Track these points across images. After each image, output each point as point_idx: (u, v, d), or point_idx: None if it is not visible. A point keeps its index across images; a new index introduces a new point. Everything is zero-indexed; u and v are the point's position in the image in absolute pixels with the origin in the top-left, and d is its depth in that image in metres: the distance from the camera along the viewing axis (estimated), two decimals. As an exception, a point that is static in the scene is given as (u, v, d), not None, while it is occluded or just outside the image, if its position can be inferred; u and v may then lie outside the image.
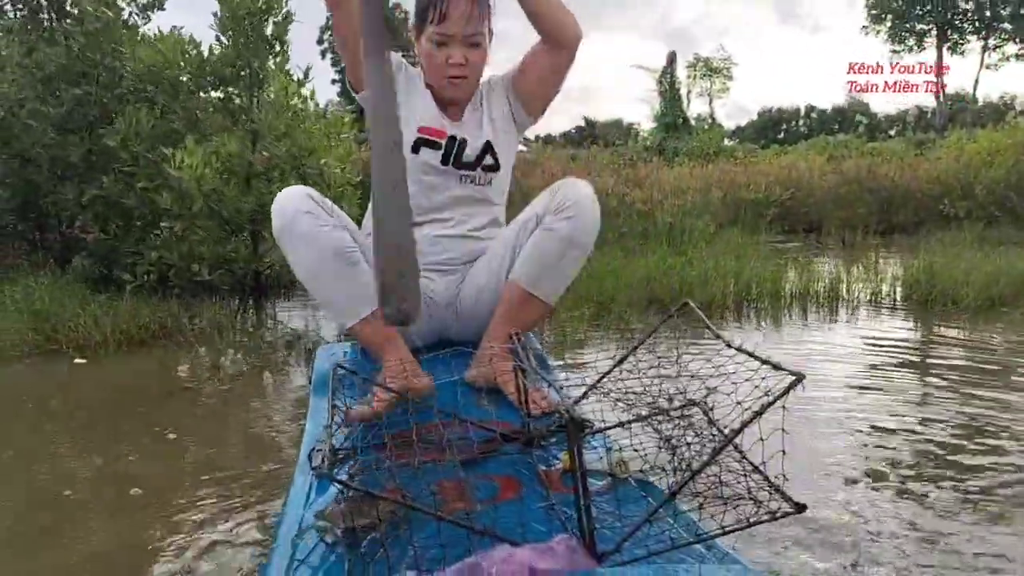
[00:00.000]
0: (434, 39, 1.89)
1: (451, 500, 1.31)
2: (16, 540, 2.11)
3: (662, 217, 7.56)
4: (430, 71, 1.95)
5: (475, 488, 1.37)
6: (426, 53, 1.93)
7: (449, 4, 1.84)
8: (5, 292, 4.71)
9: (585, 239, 1.84)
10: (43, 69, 5.34)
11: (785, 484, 1.13)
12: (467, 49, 1.90)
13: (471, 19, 1.86)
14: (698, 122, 33.19)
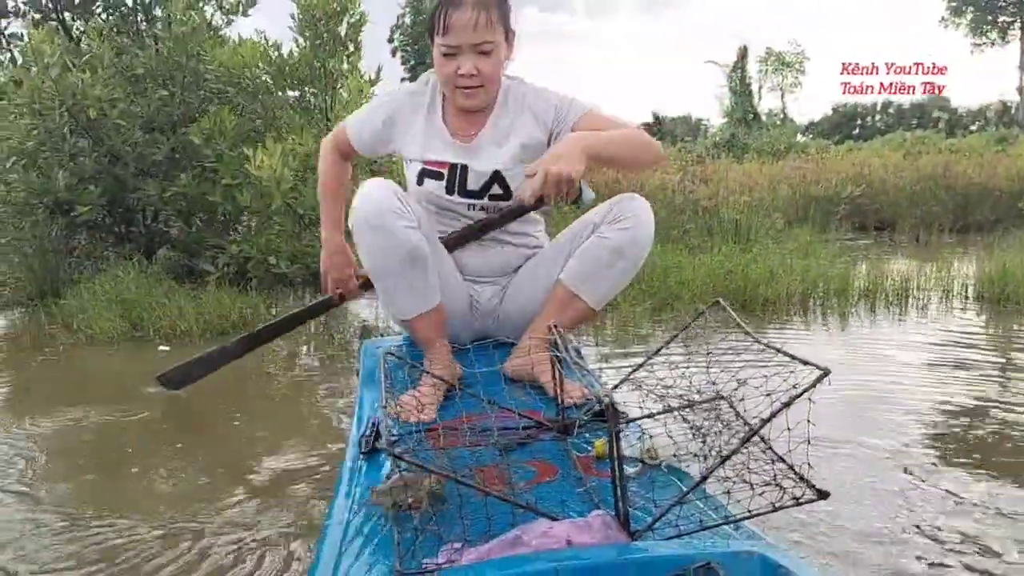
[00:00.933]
0: (442, 50, 1.83)
1: (491, 483, 1.38)
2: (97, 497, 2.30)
3: (728, 214, 7.53)
4: (442, 82, 1.90)
5: (514, 472, 1.44)
6: (437, 63, 1.87)
7: (452, 14, 1.77)
8: (96, 282, 4.99)
9: (636, 251, 1.85)
10: (132, 71, 5.63)
11: (810, 472, 1.18)
12: (477, 58, 1.82)
13: (478, 27, 1.78)
14: (769, 117, 32.68)
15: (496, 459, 1.48)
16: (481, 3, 1.78)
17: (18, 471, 2.60)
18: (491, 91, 1.90)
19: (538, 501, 1.24)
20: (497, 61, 1.85)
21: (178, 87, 5.64)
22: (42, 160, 5.40)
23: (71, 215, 5.42)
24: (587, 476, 1.42)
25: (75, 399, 3.35)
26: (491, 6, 1.80)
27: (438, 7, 1.80)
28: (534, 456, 1.51)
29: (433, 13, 1.82)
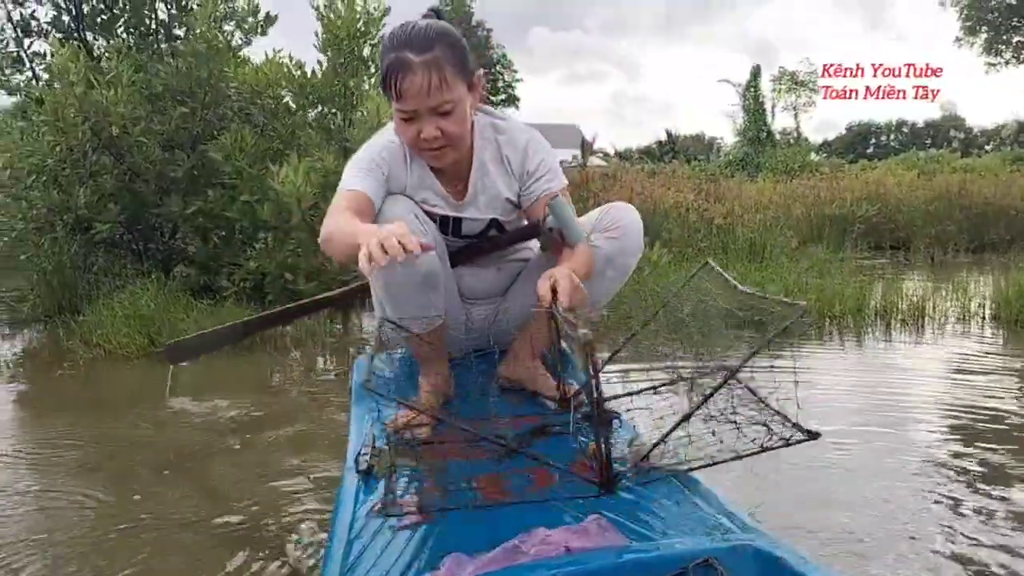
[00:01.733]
0: (400, 115, 1.72)
1: (490, 492, 1.40)
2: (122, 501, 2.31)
3: (743, 232, 7.53)
4: (407, 144, 1.80)
5: (511, 479, 1.46)
6: (397, 123, 1.76)
7: (404, 78, 1.64)
8: (114, 299, 5.04)
9: (625, 261, 1.85)
10: (151, 88, 5.70)
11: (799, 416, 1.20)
12: (438, 119, 1.71)
13: (433, 90, 1.65)
14: (783, 136, 32.70)
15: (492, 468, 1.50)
16: (432, 63, 1.64)
17: (36, 484, 2.62)
18: (461, 147, 1.80)
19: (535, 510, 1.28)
20: (461, 117, 1.73)
21: (198, 104, 5.71)
22: (63, 177, 5.46)
23: (90, 232, 5.47)
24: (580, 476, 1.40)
25: (93, 414, 3.39)
26: (444, 63, 1.66)
27: (389, 71, 1.66)
28: (530, 464, 1.51)
29: (385, 77, 1.68)
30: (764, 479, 2.59)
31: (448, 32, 1.70)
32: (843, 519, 2.28)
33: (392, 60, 1.66)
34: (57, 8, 6.19)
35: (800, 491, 2.52)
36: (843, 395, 3.65)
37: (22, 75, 6.12)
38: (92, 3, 6.22)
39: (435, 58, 1.64)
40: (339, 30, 5.52)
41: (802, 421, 1.19)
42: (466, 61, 1.72)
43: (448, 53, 1.67)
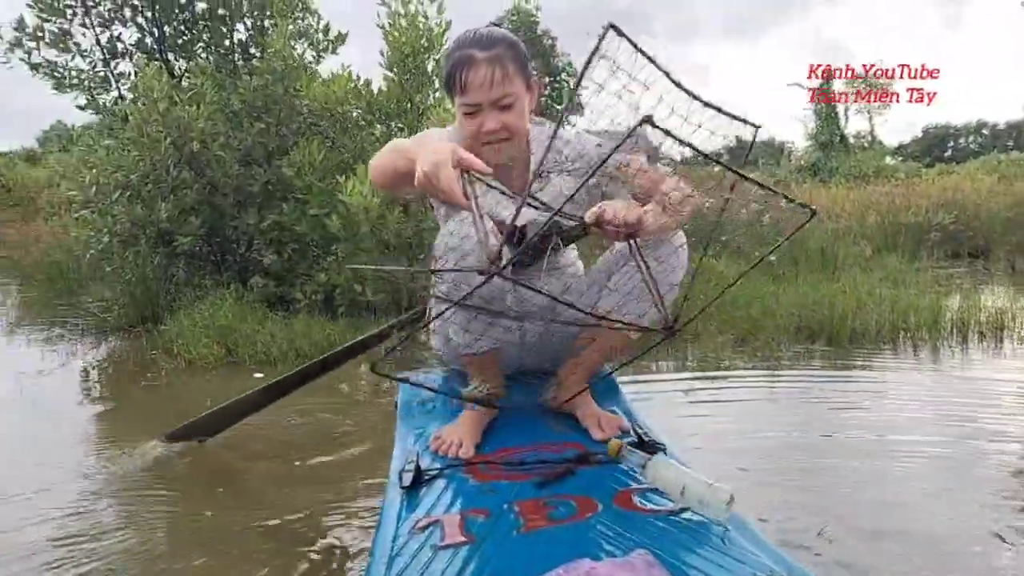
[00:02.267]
0: (463, 109, 1.83)
1: (531, 517, 1.41)
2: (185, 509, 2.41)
3: (814, 242, 7.40)
4: (470, 140, 1.86)
5: (553, 507, 1.46)
6: (460, 120, 1.87)
7: (469, 72, 1.78)
8: (194, 310, 5.23)
9: (672, 278, 1.83)
10: (229, 105, 5.91)
11: None
12: (499, 113, 1.82)
13: (495, 83, 1.78)
14: (856, 140, 31.91)
15: (535, 493, 1.51)
16: (495, 59, 1.78)
17: (122, 493, 2.75)
18: (519, 143, 1.89)
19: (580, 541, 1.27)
20: (520, 112, 1.84)
21: (273, 120, 5.88)
22: (146, 192, 5.68)
23: (172, 245, 5.69)
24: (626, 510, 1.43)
25: (176, 423, 3.52)
26: (506, 60, 1.79)
27: (455, 67, 1.80)
28: (573, 491, 1.52)
29: (450, 73, 1.82)
30: (829, 492, 2.57)
31: (509, 35, 1.85)
32: (905, 540, 2.25)
33: (458, 57, 1.81)
34: (141, 30, 6.46)
35: (865, 510, 2.48)
36: (915, 409, 3.58)
37: (108, 95, 6.39)
38: (174, 25, 6.47)
39: (497, 55, 1.79)
40: (403, 47, 5.64)
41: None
42: (525, 62, 1.85)
43: (510, 52, 1.81)
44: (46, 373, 4.66)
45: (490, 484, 1.52)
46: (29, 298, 8.16)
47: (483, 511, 1.43)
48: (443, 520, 1.41)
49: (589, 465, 1.63)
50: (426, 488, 1.56)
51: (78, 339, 5.68)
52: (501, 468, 1.60)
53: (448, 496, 1.53)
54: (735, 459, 2.95)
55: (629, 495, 1.49)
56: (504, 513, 1.41)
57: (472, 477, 1.60)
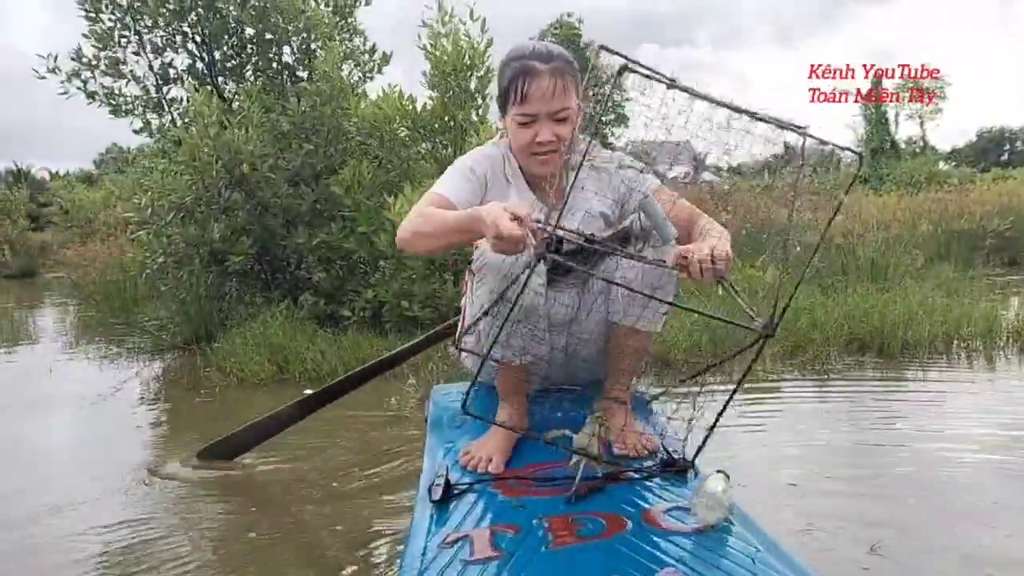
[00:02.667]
0: (519, 119, 1.83)
1: (560, 534, 1.40)
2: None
3: (864, 251, 7.28)
4: (517, 149, 1.90)
5: (582, 524, 1.44)
6: (513, 132, 1.88)
7: (530, 82, 1.79)
8: (246, 327, 5.34)
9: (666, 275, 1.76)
10: (278, 128, 6.04)
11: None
12: (554, 125, 1.82)
13: (556, 95, 1.79)
14: (908, 146, 31.35)
15: (565, 509, 1.50)
16: (558, 70, 1.80)
17: (176, 507, 2.83)
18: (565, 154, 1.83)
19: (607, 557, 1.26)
20: (572, 125, 1.82)
21: (321, 141, 6.00)
22: (199, 213, 5.83)
23: (224, 264, 5.82)
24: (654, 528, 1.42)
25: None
26: (567, 73, 1.81)
27: (515, 77, 1.80)
28: (602, 508, 1.51)
29: (509, 83, 1.82)
30: (882, 506, 2.53)
31: (564, 51, 1.86)
32: (962, 557, 2.20)
33: (518, 67, 1.80)
34: (192, 56, 6.64)
35: (919, 524, 2.44)
36: (970, 420, 3.51)
37: (162, 119, 6.57)
38: (223, 50, 6.64)
39: (558, 67, 1.80)
40: (446, 66, 5.71)
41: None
42: (578, 77, 1.84)
43: (568, 67, 1.82)
44: (104, 390, 4.80)
45: (519, 499, 1.52)
46: (87, 317, 8.41)
47: (512, 526, 1.43)
48: (472, 535, 1.40)
49: (618, 482, 1.62)
50: (455, 503, 1.55)
51: (135, 357, 5.85)
52: (531, 484, 1.60)
53: (478, 511, 1.52)
54: (786, 472, 2.93)
55: (656, 513, 1.49)
56: (533, 529, 1.41)
57: (501, 492, 1.59)
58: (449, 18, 5.75)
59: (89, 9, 6.23)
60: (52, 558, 2.42)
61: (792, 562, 1.30)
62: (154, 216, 5.88)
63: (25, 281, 14.55)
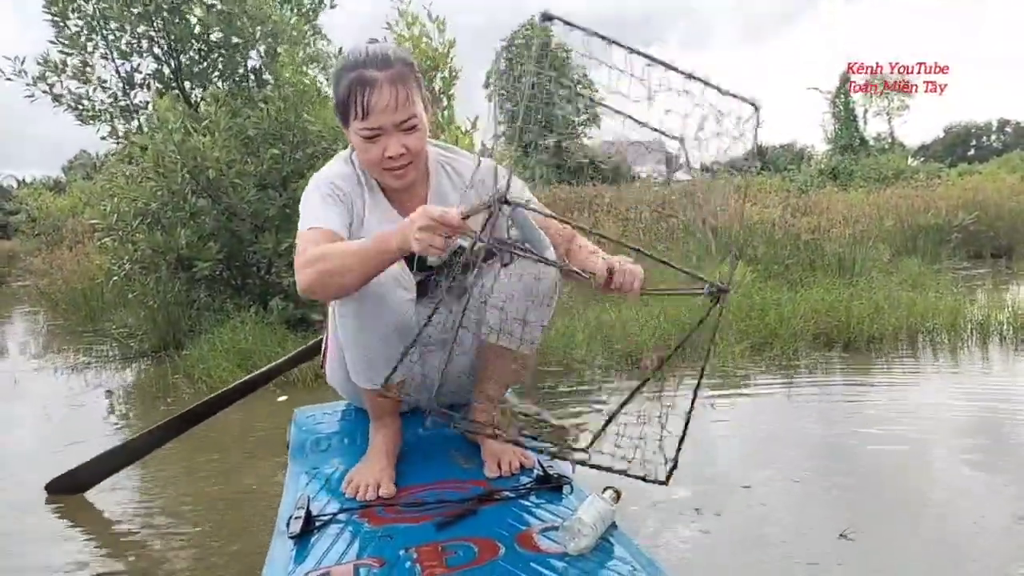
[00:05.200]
0: (363, 134, 1.68)
1: (429, 564, 1.32)
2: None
3: (831, 247, 7.37)
4: (367, 165, 1.75)
5: (454, 551, 1.37)
6: (359, 148, 1.72)
7: (370, 95, 1.63)
8: (215, 333, 5.30)
9: (543, 287, 1.71)
10: (244, 132, 6.00)
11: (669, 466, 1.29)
12: (403, 136, 1.68)
13: (400, 105, 1.64)
14: (876, 142, 31.72)
15: (434, 536, 1.42)
16: (397, 78, 1.65)
17: (141, 520, 2.80)
18: (421, 168, 1.78)
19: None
20: (423, 133, 1.72)
21: (287, 146, 5.97)
22: (165, 219, 5.79)
23: (192, 270, 5.78)
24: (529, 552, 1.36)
25: (193, 449, 3.57)
26: (408, 79, 1.67)
27: (351, 90, 1.65)
28: (475, 533, 1.44)
29: (348, 96, 1.66)
30: (850, 497, 2.57)
31: (403, 52, 1.71)
32: (928, 541, 2.25)
33: (354, 78, 1.64)
34: (158, 61, 6.59)
35: (887, 512, 2.48)
36: (934, 412, 3.56)
37: (128, 125, 6.51)
38: (189, 54, 6.59)
39: (399, 73, 1.65)
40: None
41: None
42: (421, 79, 1.72)
43: (407, 70, 1.67)
44: (71, 399, 4.75)
45: (386, 528, 1.42)
46: (55, 326, 8.31)
47: (378, 560, 1.34)
48: (333, 572, 1.32)
49: (492, 503, 1.54)
50: (317, 536, 1.45)
51: (103, 366, 5.78)
52: (399, 510, 1.50)
53: (341, 544, 1.42)
54: (755, 468, 2.96)
55: (531, 535, 1.42)
56: (400, 561, 1.33)
57: (368, 522, 1.48)
58: (413, 20, 5.75)
59: (56, 14, 6.17)
60: None
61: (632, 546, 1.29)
62: (120, 222, 5.83)
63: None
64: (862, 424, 3.44)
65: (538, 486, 1.59)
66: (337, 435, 1.91)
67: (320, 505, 1.58)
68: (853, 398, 3.89)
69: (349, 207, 1.74)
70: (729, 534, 2.38)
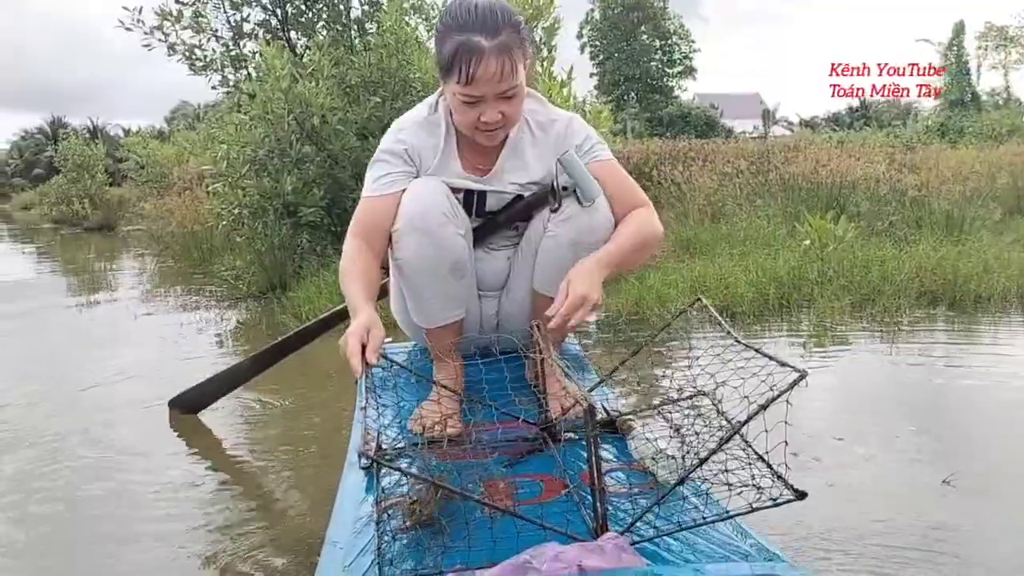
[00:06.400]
0: (462, 98, 1.64)
1: (498, 498, 1.35)
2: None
3: (939, 204, 7.11)
4: (461, 124, 1.72)
5: (520, 487, 1.39)
6: (455, 106, 1.69)
7: (477, 65, 1.57)
8: (320, 276, 5.51)
9: (593, 238, 1.70)
10: (347, 81, 6.14)
11: (788, 473, 1.16)
12: (501, 103, 1.65)
13: (504, 76, 1.60)
14: (990, 98, 30.08)
15: (503, 472, 1.44)
16: (503, 47, 1.58)
17: (248, 447, 3.00)
18: (511, 127, 1.76)
19: (546, 519, 1.18)
20: (521, 99, 1.68)
21: (388, 94, 6.08)
22: (271, 166, 6.00)
23: (297, 216, 5.99)
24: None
25: (304, 381, 3.76)
26: (513, 47, 1.60)
27: (456, 55, 1.59)
28: (541, 470, 1.46)
29: (452, 59, 1.60)
30: (954, 448, 2.54)
31: (511, 12, 1.64)
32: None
33: (460, 43, 1.59)
34: (265, 11, 6.77)
35: (989, 463, 2.45)
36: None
37: (237, 74, 6.74)
38: (296, 4, 6.75)
39: (506, 43, 1.59)
40: (511, 17, 5.72)
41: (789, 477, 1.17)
42: (526, 42, 1.66)
43: (515, 37, 1.61)
44: (187, 334, 5.02)
45: (455, 464, 1.42)
46: (166, 268, 8.73)
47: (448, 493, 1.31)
48: (405, 501, 1.32)
49: (556, 443, 1.56)
50: (387, 469, 1.44)
51: (214, 305, 6.07)
52: (465, 447, 1.51)
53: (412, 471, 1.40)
54: (854, 421, 2.96)
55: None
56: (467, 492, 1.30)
57: (436, 457, 1.49)
58: (516, -32, 5.74)
59: (172, -35, 6.41)
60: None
61: (738, 524, 1.26)
62: (229, 169, 6.06)
63: (105, 234, 15.07)
64: (966, 383, 3.37)
65: (602, 429, 1.59)
66: (403, 374, 1.92)
67: (388, 440, 1.61)
68: (957, 357, 3.80)
69: (408, 162, 1.78)
70: (823, 487, 2.38)
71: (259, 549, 2.14)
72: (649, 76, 42.23)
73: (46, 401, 3.62)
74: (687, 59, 44.37)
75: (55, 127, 44.34)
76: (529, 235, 1.82)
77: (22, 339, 5.27)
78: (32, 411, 3.46)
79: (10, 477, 2.69)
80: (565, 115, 1.86)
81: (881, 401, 3.24)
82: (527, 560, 1.04)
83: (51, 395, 3.73)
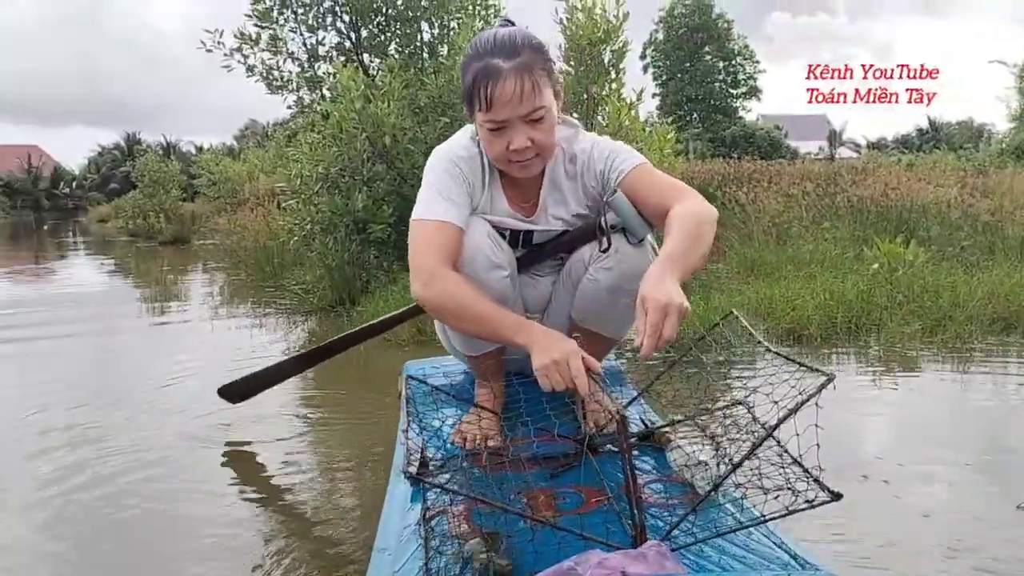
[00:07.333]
0: (487, 126, 1.61)
1: (539, 510, 1.38)
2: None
3: (1013, 230, 6.95)
4: (492, 157, 1.68)
5: (562, 498, 1.43)
6: (484, 137, 1.65)
7: (494, 86, 1.54)
8: (389, 291, 5.64)
9: (633, 286, 1.54)
10: (416, 102, 6.30)
11: (822, 475, 1.16)
12: (529, 128, 1.60)
13: (524, 97, 1.55)
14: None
15: (544, 484, 1.48)
16: (523, 67, 1.56)
17: (312, 457, 3.11)
18: (548, 157, 1.71)
19: (586, 529, 1.20)
20: (550, 124, 1.63)
21: (457, 115, 6.22)
22: (343, 184, 6.18)
23: (366, 232, 6.15)
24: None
25: (371, 394, 3.87)
26: (534, 67, 1.57)
27: (475, 80, 1.58)
28: (581, 481, 1.49)
29: (472, 87, 1.59)
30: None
31: (532, 37, 1.62)
32: None
33: (479, 68, 1.58)
34: (340, 34, 7.01)
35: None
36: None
37: (312, 95, 6.97)
38: (369, 28, 6.96)
39: (524, 63, 1.56)
40: (581, 39, 5.80)
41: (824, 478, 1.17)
42: (551, 66, 1.64)
43: (536, 57, 1.59)
44: (259, 346, 5.19)
45: (497, 475, 1.46)
46: (238, 281, 9.00)
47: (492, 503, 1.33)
48: (449, 511, 1.37)
49: (597, 455, 1.57)
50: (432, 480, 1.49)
51: (285, 317, 6.26)
52: (507, 460, 1.53)
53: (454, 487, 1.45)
54: (923, 448, 2.93)
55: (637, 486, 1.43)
56: (512, 504, 1.37)
57: (479, 468, 1.54)
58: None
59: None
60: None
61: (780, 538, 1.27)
62: (303, 186, 6.26)
63: (179, 247, 15.56)
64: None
65: (640, 442, 1.64)
66: (446, 388, 1.97)
67: (433, 452, 1.65)
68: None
69: (469, 192, 1.71)
70: (889, 508, 2.37)
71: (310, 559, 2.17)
72: (712, 97, 41.93)
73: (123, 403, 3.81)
74: (751, 79, 43.96)
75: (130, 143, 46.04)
76: (570, 267, 1.82)
77: (99, 343, 5.54)
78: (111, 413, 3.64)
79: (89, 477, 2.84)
80: (588, 140, 1.80)
81: (951, 426, 3.21)
82: (571, 567, 1.05)
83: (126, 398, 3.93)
